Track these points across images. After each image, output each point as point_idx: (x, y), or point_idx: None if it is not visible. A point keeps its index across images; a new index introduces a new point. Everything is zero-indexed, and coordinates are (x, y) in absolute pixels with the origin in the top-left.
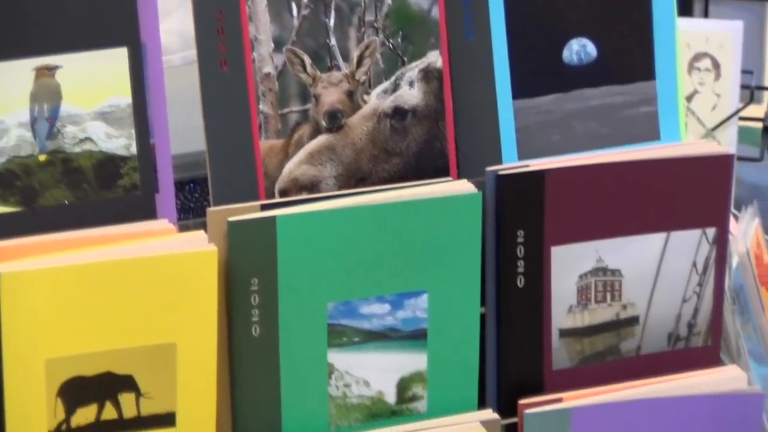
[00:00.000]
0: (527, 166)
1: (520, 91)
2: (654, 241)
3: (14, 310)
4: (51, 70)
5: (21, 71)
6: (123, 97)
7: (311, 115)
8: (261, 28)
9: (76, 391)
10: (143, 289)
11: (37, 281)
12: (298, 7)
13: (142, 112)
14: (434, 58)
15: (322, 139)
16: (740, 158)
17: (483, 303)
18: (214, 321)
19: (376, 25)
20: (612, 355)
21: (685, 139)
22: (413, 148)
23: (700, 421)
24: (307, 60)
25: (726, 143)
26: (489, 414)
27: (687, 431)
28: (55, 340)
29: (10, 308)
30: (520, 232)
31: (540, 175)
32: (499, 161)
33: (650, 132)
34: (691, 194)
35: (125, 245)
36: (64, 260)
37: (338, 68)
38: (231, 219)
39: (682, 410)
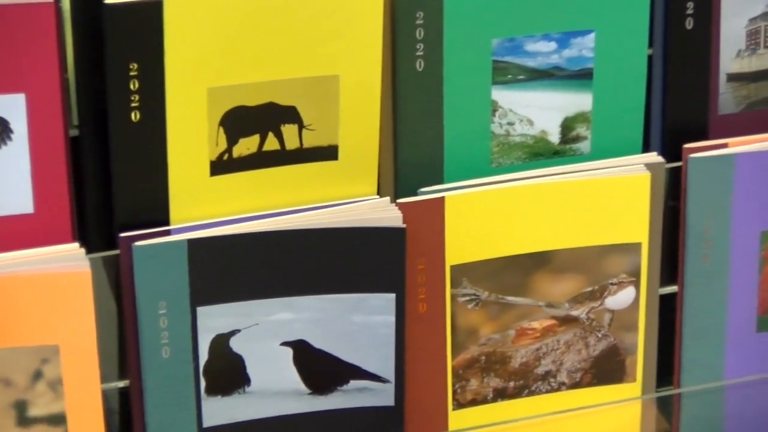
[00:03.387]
0: None
1: None
2: None
3: (177, 37)
4: None
5: None
6: None
7: None
8: None
9: (239, 120)
10: (307, 19)
11: (203, 8)
12: None
13: None
14: None
15: None
16: None
17: (650, 44)
18: (378, 54)
19: None
20: None
21: None
22: None
23: None
24: None
25: None
26: (653, 157)
27: None
28: (217, 68)
29: (173, 35)
30: None
31: None
32: None
33: None
34: None
35: None
36: None
37: None
38: None
39: None
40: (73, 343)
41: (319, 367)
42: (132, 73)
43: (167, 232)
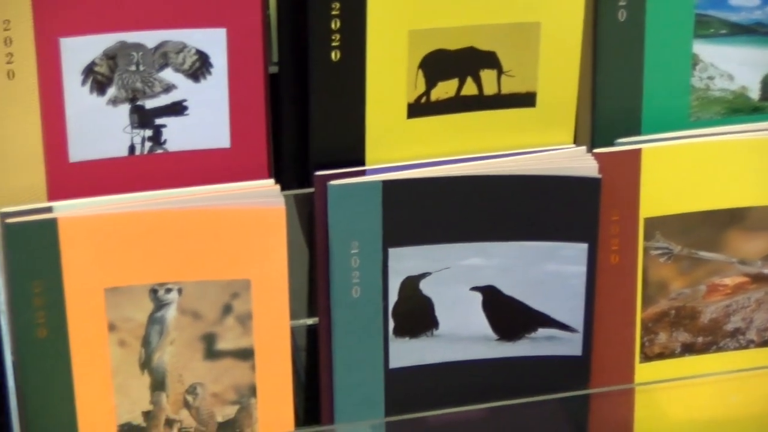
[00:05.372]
0: None
1: None
2: None
3: None
4: None
5: None
6: None
7: None
8: None
9: (438, 64)
10: None
11: None
12: None
13: None
14: None
15: None
16: None
17: None
18: (580, 2)
19: None
20: None
21: None
22: None
23: None
24: None
25: None
26: None
27: None
28: (419, 11)
29: None
30: None
31: None
32: None
33: None
34: None
35: None
36: None
37: None
38: None
39: None
40: (264, 278)
41: (507, 314)
42: (333, 12)
43: (362, 173)
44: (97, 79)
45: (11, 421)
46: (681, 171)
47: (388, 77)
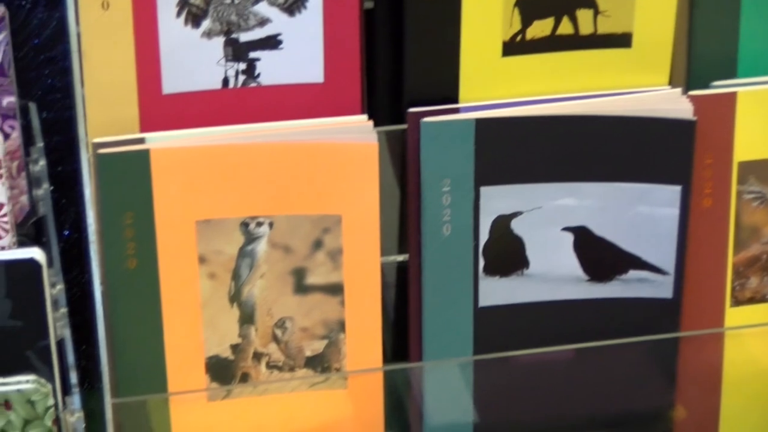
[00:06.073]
0: None
1: None
2: None
3: None
4: None
5: None
6: None
7: None
8: None
9: (535, 2)
10: None
11: None
12: None
13: None
14: None
15: None
16: None
17: None
18: None
19: None
20: None
21: None
22: None
23: None
24: None
25: None
26: None
27: None
28: None
29: None
30: None
31: None
32: None
33: None
34: None
35: None
36: None
37: None
38: None
39: None
40: (355, 214)
41: (599, 255)
42: None
43: (456, 110)
44: (192, 11)
45: (99, 351)
46: None
47: (484, 15)
